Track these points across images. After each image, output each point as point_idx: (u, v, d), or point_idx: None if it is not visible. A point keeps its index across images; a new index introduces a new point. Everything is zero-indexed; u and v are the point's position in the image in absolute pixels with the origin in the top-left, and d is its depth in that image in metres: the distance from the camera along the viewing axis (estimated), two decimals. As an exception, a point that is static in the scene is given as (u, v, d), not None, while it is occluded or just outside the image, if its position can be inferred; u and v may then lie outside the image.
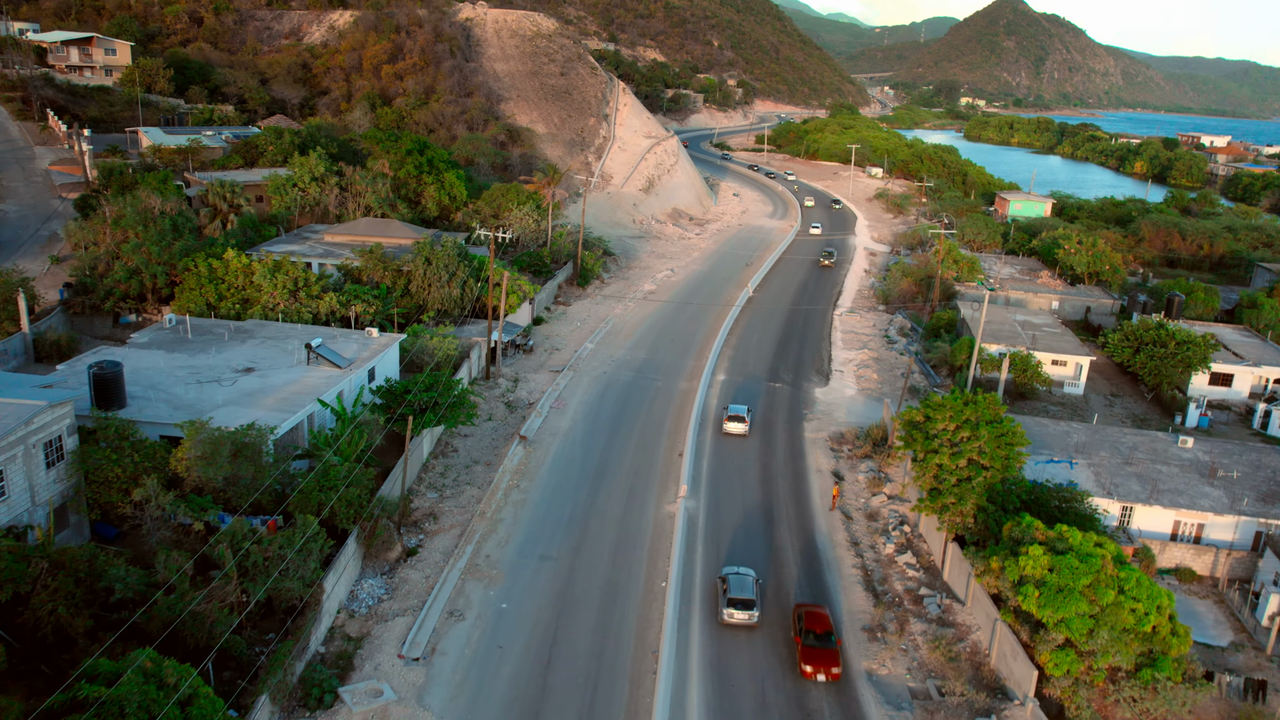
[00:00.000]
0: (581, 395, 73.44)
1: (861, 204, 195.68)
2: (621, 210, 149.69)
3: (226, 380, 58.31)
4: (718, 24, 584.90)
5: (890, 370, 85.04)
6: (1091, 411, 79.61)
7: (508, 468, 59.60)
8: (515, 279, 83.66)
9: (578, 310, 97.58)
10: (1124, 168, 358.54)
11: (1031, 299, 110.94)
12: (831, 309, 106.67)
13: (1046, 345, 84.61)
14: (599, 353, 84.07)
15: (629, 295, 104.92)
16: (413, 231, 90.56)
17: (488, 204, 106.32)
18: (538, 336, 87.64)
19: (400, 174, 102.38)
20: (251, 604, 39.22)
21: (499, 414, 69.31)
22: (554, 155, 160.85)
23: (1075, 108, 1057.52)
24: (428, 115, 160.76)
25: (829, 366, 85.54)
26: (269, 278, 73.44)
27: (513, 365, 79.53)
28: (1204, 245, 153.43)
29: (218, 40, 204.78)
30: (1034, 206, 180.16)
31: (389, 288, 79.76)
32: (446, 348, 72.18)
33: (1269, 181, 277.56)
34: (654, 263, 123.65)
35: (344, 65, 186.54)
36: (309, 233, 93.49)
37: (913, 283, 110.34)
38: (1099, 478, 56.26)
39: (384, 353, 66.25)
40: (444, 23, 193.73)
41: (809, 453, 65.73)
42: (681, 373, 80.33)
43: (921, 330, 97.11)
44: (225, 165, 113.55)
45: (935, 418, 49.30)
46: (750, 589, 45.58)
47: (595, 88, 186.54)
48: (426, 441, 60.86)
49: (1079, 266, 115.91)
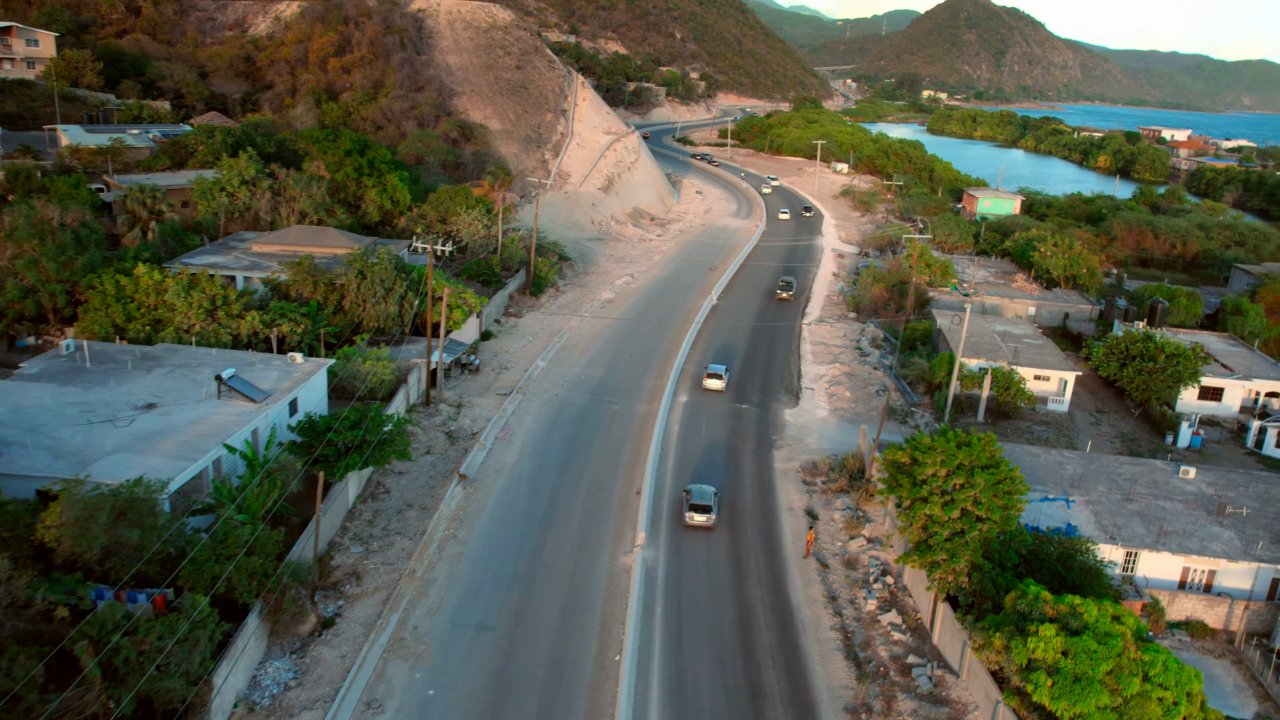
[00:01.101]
0: (530, 423, 67.06)
1: (827, 201, 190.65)
2: (579, 211, 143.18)
3: (122, 420, 51.25)
4: (680, 16, 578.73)
5: (864, 387, 79.54)
6: (1078, 430, 74.74)
7: (444, 514, 53.15)
8: (460, 292, 77.05)
9: (530, 323, 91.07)
10: (1088, 162, 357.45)
11: (1008, 304, 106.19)
12: (800, 318, 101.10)
13: (1029, 359, 79.58)
14: (551, 372, 77.71)
15: (586, 305, 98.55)
16: (349, 240, 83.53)
17: (434, 208, 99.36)
18: (485, 354, 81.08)
19: (338, 176, 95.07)
20: (116, 714, 32.57)
21: (439, 446, 62.78)
22: (509, 153, 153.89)
23: (1036, 101, 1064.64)
24: (375, 111, 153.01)
25: (799, 384, 79.86)
26: (183, 296, 66.22)
27: (457, 388, 72.94)
28: (1177, 244, 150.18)
29: (156, 31, 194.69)
30: (1003, 204, 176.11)
31: (320, 304, 72.79)
32: (381, 372, 65.50)
33: (1231, 176, 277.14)
34: (613, 268, 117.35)
35: (289, 58, 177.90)
36: (237, 242, 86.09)
37: (884, 288, 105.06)
38: (1099, 518, 50.98)
39: (309, 381, 59.43)
40: (394, 14, 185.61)
41: (779, 487, 59.91)
42: (640, 393, 74.22)
43: (895, 341, 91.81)
44: (151, 167, 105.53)
45: (924, 461, 43.59)
46: None
47: (553, 82, 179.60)
48: (353, 485, 54.25)
49: (1055, 270, 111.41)
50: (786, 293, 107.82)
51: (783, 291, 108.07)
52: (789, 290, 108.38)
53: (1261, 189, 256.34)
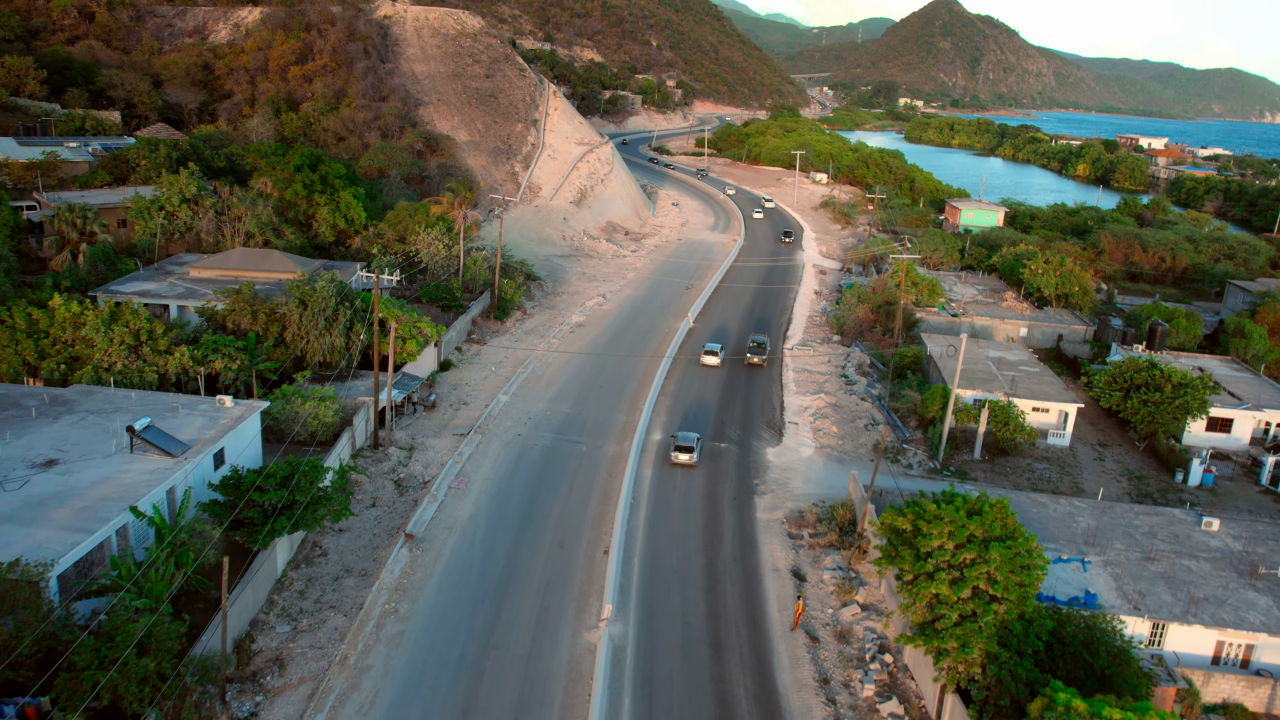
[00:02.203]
0: (489, 468, 61.01)
1: (807, 213, 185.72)
2: (550, 225, 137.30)
3: (13, 481, 44.83)
4: (656, 23, 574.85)
5: (851, 420, 74.02)
6: (1081, 467, 69.57)
7: (386, 583, 47.03)
8: (414, 321, 70.95)
9: (494, 351, 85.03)
10: (1067, 170, 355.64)
11: (998, 326, 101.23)
12: (781, 341, 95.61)
13: (1027, 389, 74.41)
14: (514, 407, 71.67)
15: (554, 329, 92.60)
16: (295, 263, 77.23)
17: (391, 227, 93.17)
18: (444, 387, 74.94)
19: (286, 194, 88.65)
20: None
21: (386, 497, 56.65)
22: (477, 165, 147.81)
23: (1010, 108, 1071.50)
24: (337, 122, 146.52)
25: (781, 418, 74.23)
26: (103, 330, 59.82)
27: (410, 428, 66.78)
28: (1166, 258, 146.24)
29: (111, 38, 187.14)
30: (986, 216, 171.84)
31: (259, 337, 66.49)
32: (323, 414, 59.35)
33: (1211, 185, 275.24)
34: (584, 287, 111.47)
35: (249, 66, 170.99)
36: (175, 266, 79.59)
37: (869, 309, 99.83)
38: (1120, 583, 45.59)
39: (238, 428, 53.21)
40: (359, 20, 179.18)
41: (763, 542, 54.19)
42: (611, 432, 68.34)
43: (882, 368, 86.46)
44: (89, 183, 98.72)
45: (929, 532, 38.01)
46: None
47: (524, 90, 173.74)
48: (283, 551, 48.02)
49: (1047, 288, 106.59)
50: (759, 356, 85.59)
51: (754, 355, 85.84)
52: (761, 354, 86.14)
53: (1242, 198, 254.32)
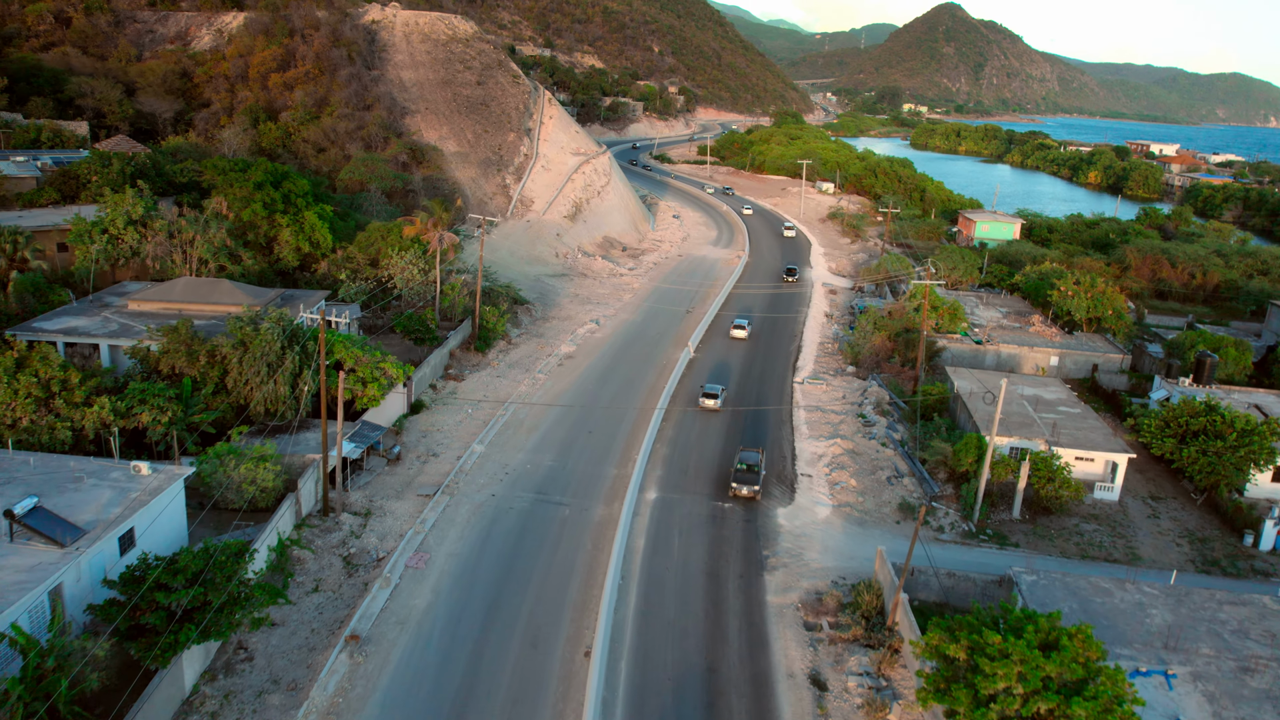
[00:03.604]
0: (455, 540, 52.57)
1: (814, 226, 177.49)
2: (542, 242, 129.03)
3: None
4: (658, 29, 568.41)
5: (872, 472, 65.48)
6: (1134, 528, 61.08)
7: (316, 703, 38.58)
8: (377, 361, 62.63)
9: (473, 387, 76.66)
10: (1077, 178, 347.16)
11: (1026, 354, 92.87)
12: (790, 373, 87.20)
13: (1071, 436, 65.92)
14: (490, 459, 63.23)
15: (541, 362, 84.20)
16: (246, 295, 68.90)
17: (362, 249, 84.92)
18: (412, 434, 66.55)
19: (244, 215, 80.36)
20: None
21: (332, 578, 48.27)
22: (465, 177, 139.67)
23: (1015, 113, 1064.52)
24: (317, 132, 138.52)
25: (793, 469, 65.74)
26: (5, 381, 51.56)
27: (368, 486, 58.37)
28: (1196, 274, 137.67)
29: (88, 44, 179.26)
30: (1003, 228, 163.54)
31: (195, 382, 58.22)
32: (262, 478, 51.02)
33: (1230, 194, 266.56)
34: (577, 311, 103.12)
35: (228, 74, 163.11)
36: (114, 297, 71.34)
37: (887, 337, 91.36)
38: (1217, 708, 37.07)
39: (155, 501, 44.90)
40: (344, 25, 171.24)
41: (775, 636, 45.68)
42: (599, 489, 59.90)
43: (904, 406, 78.01)
44: (35, 201, 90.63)
45: (993, 672, 29.57)
46: None
47: (517, 98, 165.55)
48: (193, 662, 39.56)
49: (1078, 312, 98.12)
50: (748, 488, 59.73)
51: (742, 486, 59.89)
52: (752, 483, 60.01)
53: (1263, 207, 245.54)
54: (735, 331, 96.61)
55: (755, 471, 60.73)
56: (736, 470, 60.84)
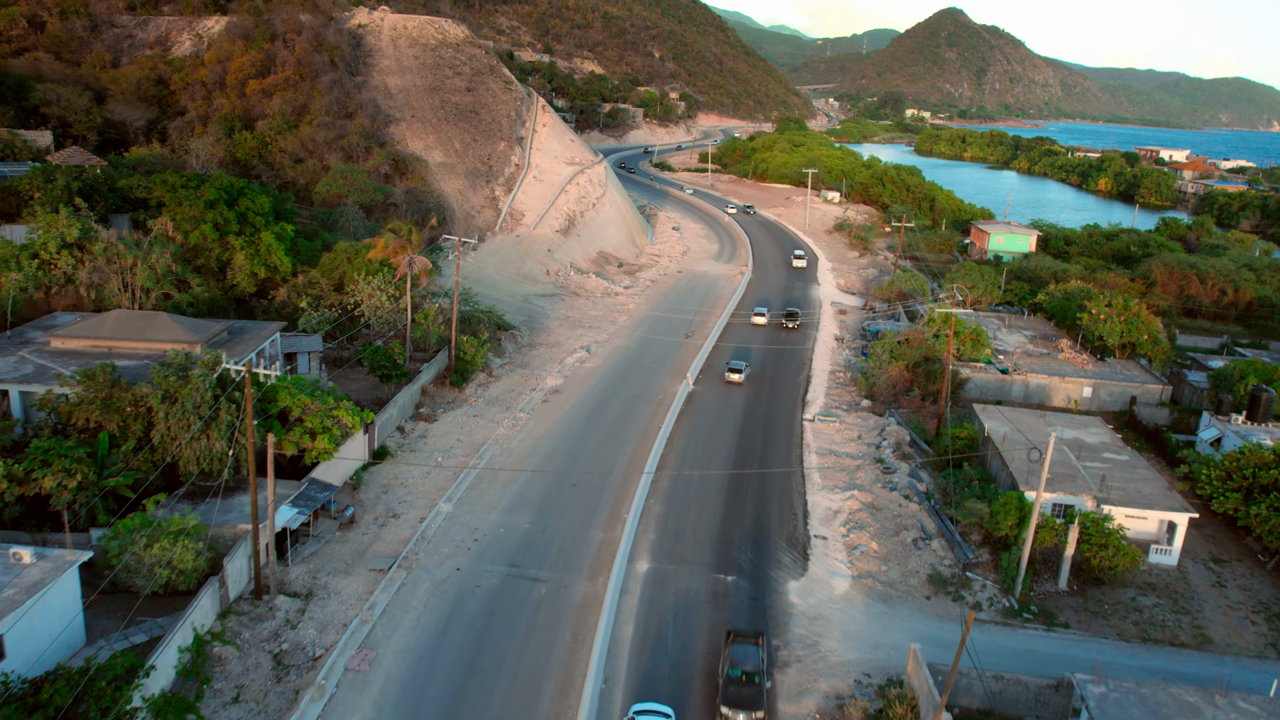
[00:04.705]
0: (409, 630, 44.47)
1: (820, 238, 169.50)
2: (533, 259, 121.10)
3: None
4: (659, 35, 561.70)
5: (895, 532, 57.37)
6: (1198, 600, 52.99)
7: None
8: (328, 408, 54.67)
9: (446, 429, 68.62)
10: (1087, 185, 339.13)
11: (1057, 385, 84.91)
12: (799, 408, 79.15)
13: (1121, 490, 57.83)
14: (458, 521, 55.16)
15: (524, 398, 76.12)
16: (186, 330, 60.87)
17: (326, 274, 77.00)
18: (372, 489, 58.51)
19: (192, 237, 72.37)
20: None
21: (257, 684, 40.21)
22: (451, 189, 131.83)
23: (1018, 119, 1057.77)
24: (295, 142, 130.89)
25: (805, 529, 57.61)
26: (-123, 443, 43.66)
27: (314, 557, 50.30)
28: (1227, 290, 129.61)
29: (62, 50, 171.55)
30: (1018, 240, 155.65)
31: (113, 438, 50.23)
32: (180, 557, 43.04)
33: (1247, 201, 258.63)
34: (567, 336, 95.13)
35: (206, 80, 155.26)
36: (39, 331, 63.37)
37: (904, 367, 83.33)
38: None
39: (36, 598, 36.98)
40: (328, 29, 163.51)
41: (789, 761, 37.59)
42: (582, 558, 51.82)
43: (927, 450, 69.90)
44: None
45: None
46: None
47: (509, 105, 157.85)
48: (56, 820, 31.57)
49: (1111, 337, 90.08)
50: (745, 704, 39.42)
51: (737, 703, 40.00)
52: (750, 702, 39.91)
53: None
54: (731, 375, 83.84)
55: (756, 683, 39.78)
56: (728, 680, 39.78)
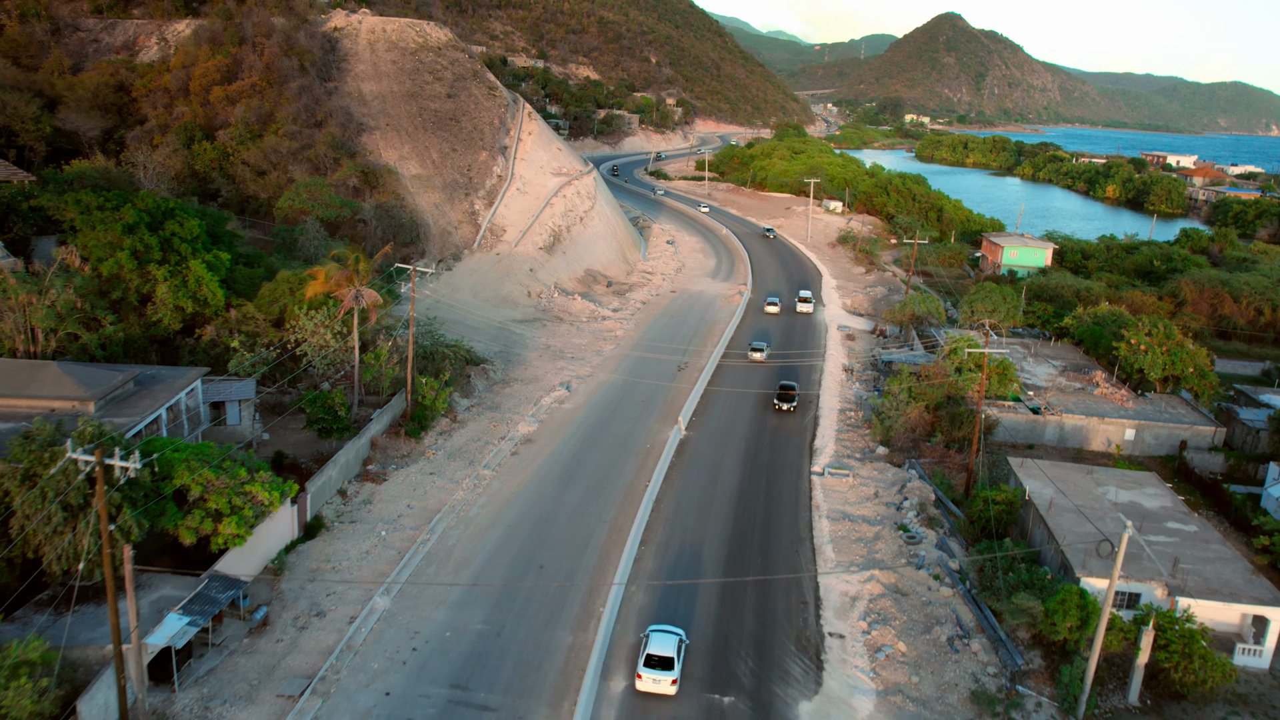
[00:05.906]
0: (315, 790, 34.74)
1: (824, 251, 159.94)
2: (513, 279, 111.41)
3: None
4: (655, 40, 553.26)
5: (926, 628, 47.61)
6: (1299, 715, 43.24)
7: None
8: (239, 484, 44.91)
9: (396, 491, 58.84)
10: (1094, 192, 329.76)
11: (1095, 426, 75.37)
12: (806, 458, 69.38)
13: (1197, 573, 48.12)
14: (396, 621, 45.34)
15: (490, 450, 66.27)
16: (79, 384, 50.99)
17: (264, 307, 67.25)
18: (298, 574, 48.68)
19: (105, 267, 62.58)
20: None
21: None
22: (427, 204, 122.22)
23: (1017, 123, 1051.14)
24: (258, 153, 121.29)
25: (818, 624, 47.82)
26: None
27: (209, 676, 40.42)
28: (1264, 310, 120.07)
29: (20, 55, 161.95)
30: (1033, 254, 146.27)
31: (-40, 529, 40.48)
32: (14, 703, 33.28)
33: (1263, 209, 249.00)
34: (546, 369, 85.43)
35: (169, 87, 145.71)
36: (-89, 381, 53.61)
37: (923, 409, 73.69)
38: None
39: None
40: (299, 33, 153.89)
41: None
42: (544, 675, 41.96)
43: (956, 512, 60.18)
44: None
45: None
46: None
47: (492, 112, 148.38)
48: None
49: (1153, 371, 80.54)
50: None
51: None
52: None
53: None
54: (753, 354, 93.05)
55: None
56: None
